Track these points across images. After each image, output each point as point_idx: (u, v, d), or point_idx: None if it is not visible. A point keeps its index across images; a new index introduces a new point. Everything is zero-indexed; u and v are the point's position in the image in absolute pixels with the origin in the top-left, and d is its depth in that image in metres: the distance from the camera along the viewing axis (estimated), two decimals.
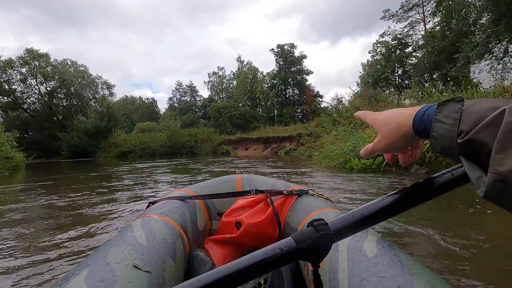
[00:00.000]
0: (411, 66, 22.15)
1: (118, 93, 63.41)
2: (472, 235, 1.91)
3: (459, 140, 0.31)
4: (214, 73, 49.67)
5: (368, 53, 30.10)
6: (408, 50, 26.86)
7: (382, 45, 28.79)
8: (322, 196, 1.30)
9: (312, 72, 40.67)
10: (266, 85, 41.69)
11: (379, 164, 4.88)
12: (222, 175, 1.70)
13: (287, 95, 40.71)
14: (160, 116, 48.75)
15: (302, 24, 78.49)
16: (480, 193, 0.30)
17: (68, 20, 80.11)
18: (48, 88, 32.76)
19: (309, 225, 0.39)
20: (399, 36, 26.62)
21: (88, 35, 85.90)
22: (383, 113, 0.46)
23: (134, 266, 0.66)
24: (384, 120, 0.44)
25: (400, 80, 27.97)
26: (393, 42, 27.42)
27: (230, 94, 45.91)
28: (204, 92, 70.66)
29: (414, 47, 25.78)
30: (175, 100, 54.83)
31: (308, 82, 40.99)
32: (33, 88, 32.31)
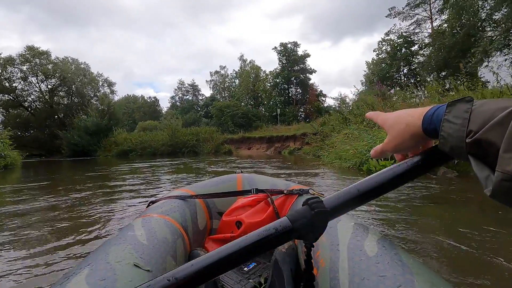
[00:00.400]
0: (419, 64, 21.61)
1: (120, 93, 63.46)
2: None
3: (467, 140, 0.31)
4: (216, 72, 49.33)
5: (373, 52, 29.62)
6: (414, 49, 26.35)
7: (387, 44, 28.30)
8: (323, 195, 1.22)
9: (315, 71, 40.22)
10: (269, 84, 41.30)
11: None
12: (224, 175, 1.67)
13: (290, 94, 40.28)
14: (162, 115, 48.47)
15: (303, 24, 78.35)
16: (488, 192, 0.30)
17: (70, 19, 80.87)
18: (49, 86, 32.49)
19: (304, 204, 0.39)
20: (405, 34, 26.13)
21: (90, 34, 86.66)
22: (394, 114, 0.46)
23: (134, 265, 0.66)
24: (394, 120, 0.44)
25: (405, 79, 27.45)
26: (398, 40, 26.93)
27: (232, 93, 45.54)
28: (206, 91, 70.49)
29: (421, 45, 25.29)
30: (177, 99, 54.56)
31: (311, 81, 40.60)
32: (34, 86, 32.08)
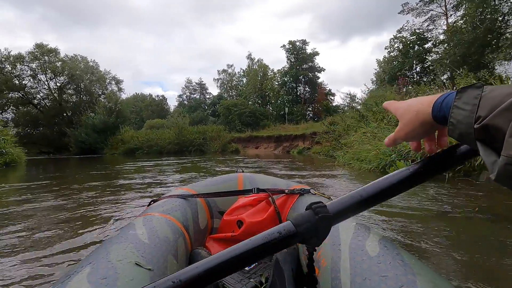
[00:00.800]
0: (435, 60, 20.78)
1: (129, 91, 63.92)
2: None
3: (476, 126, 0.31)
4: (224, 71, 49.03)
5: (385, 49, 28.80)
6: (428, 46, 25.49)
7: (400, 41, 27.49)
8: (324, 195, 1.29)
9: (324, 69, 39.55)
10: (277, 83, 40.81)
11: None
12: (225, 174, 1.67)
13: (298, 93, 39.72)
14: (169, 113, 48.46)
15: (312, 23, 77.67)
16: (493, 176, 0.30)
17: (82, 19, 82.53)
18: (57, 84, 32.64)
19: (308, 208, 0.39)
20: (418, 31, 25.30)
21: (101, 34, 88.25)
22: (405, 102, 0.46)
23: (136, 263, 0.66)
24: (405, 108, 0.45)
25: (418, 77, 26.63)
26: (411, 37, 26.10)
27: (239, 91, 45.17)
28: (214, 90, 70.46)
29: (434, 42, 24.44)
30: (184, 97, 54.52)
31: (319, 80, 39.95)
32: (43, 84, 32.22)
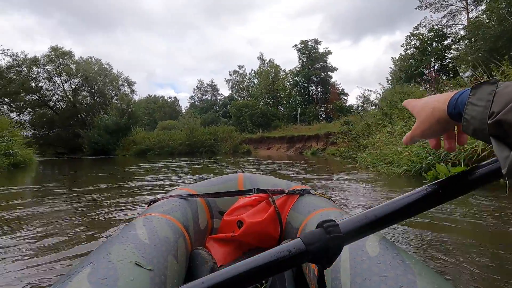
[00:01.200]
0: (456, 57, 19.78)
1: (142, 93, 65.18)
2: None
3: (489, 121, 0.31)
4: (235, 72, 48.90)
5: (401, 47, 27.81)
6: (447, 42, 24.41)
7: (417, 38, 26.48)
8: (324, 195, 1.29)
9: (336, 68, 38.76)
10: (288, 83, 40.29)
11: None
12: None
13: (310, 93, 39.09)
14: (180, 114, 48.71)
15: (323, 23, 76.76)
16: (504, 171, 0.31)
17: (97, 23, 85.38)
18: (72, 86, 33.20)
19: (319, 226, 0.38)
20: (437, 27, 24.27)
21: (116, 37, 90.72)
22: (422, 99, 0.46)
23: (136, 264, 0.65)
24: (422, 106, 0.45)
25: (436, 75, 25.57)
26: (429, 34, 25.07)
27: (251, 92, 44.90)
28: (225, 91, 70.44)
29: (454, 39, 23.37)
30: (196, 98, 54.69)
31: (332, 80, 39.18)
32: (58, 86, 32.79)
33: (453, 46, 23.56)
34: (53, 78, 31.91)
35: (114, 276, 0.58)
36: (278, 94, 40.32)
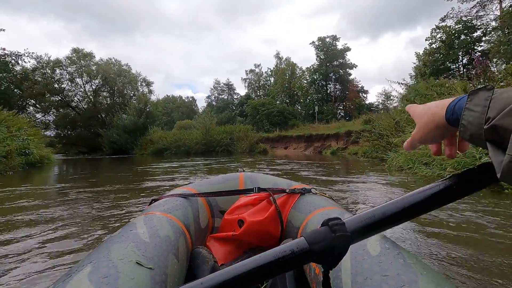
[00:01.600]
0: (490, 50, 18.39)
1: (161, 94, 67.02)
2: None
3: (485, 126, 0.32)
4: (251, 71, 48.61)
5: (425, 41, 26.42)
6: (477, 35, 22.90)
7: (442, 31, 25.03)
8: (325, 194, 1.29)
9: (356, 65, 37.56)
10: (305, 81, 39.49)
11: None
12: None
13: (328, 91, 38.15)
14: (196, 113, 49.03)
15: (340, 21, 75.36)
16: (498, 174, 0.31)
17: (119, 27, 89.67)
18: (93, 87, 34.03)
19: (324, 225, 0.36)
20: (465, 18, 22.80)
21: (136, 40, 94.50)
22: (423, 105, 0.47)
23: (137, 262, 0.65)
24: (422, 111, 0.45)
25: (465, 70, 24.06)
26: (457, 26, 23.62)
27: (267, 91, 44.45)
28: (241, 90, 70.54)
29: (485, 31, 21.87)
30: (213, 98, 54.93)
31: (351, 77, 37.99)
32: (80, 87, 33.68)
33: (483, 39, 22.07)
34: (75, 79, 32.84)
35: (115, 275, 0.58)
36: (295, 92, 39.61)
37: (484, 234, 1.92)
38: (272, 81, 45.08)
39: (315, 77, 37.67)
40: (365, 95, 37.73)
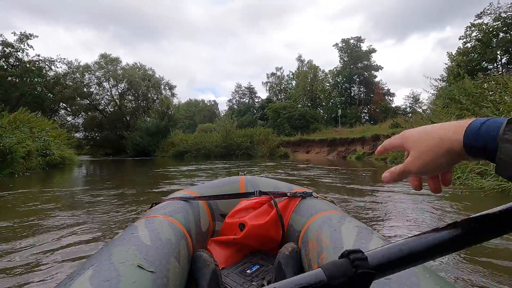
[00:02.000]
0: None
1: (184, 98, 69.21)
2: None
3: None
4: (273, 74, 48.30)
5: (459, 39, 24.79)
6: None
7: (478, 29, 23.36)
8: (326, 198, 1.28)
9: (382, 67, 36.10)
10: (328, 84, 38.50)
11: None
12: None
13: (352, 94, 36.94)
14: (218, 117, 49.49)
15: (364, 23, 73.12)
16: None
17: (147, 34, 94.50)
18: (119, 90, 35.25)
19: (344, 256, 0.32)
20: (505, 14, 21.12)
21: (163, 47, 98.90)
22: (416, 129, 0.41)
23: (138, 266, 0.65)
24: (420, 135, 0.38)
25: (504, 70, 22.22)
26: (495, 23, 21.94)
27: (288, 94, 43.89)
28: (263, 94, 70.43)
29: None
30: (234, 101, 55.15)
31: (377, 79, 36.55)
32: (106, 91, 35.03)
33: None
34: (102, 83, 34.25)
35: (116, 279, 0.58)
36: (317, 95, 38.73)
37: None
38: (293, 84, 44.48)
39: (338, 79, 36.66)
40: (391, 98, 36.15)
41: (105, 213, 2.82)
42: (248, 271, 1.12)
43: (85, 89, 32.86)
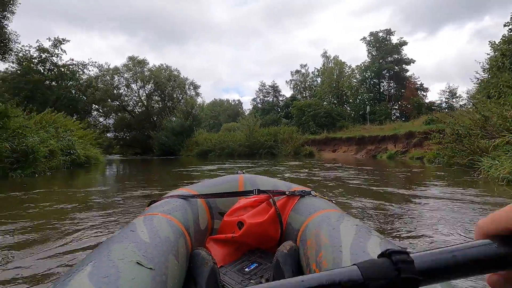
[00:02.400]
0: None
1: (209, 98, 70.81)
2: None
3: None
4: (297, 72, 47.37)
5: (504, 26, 22.50)
6: None
7: None
8: (325, 197, 1.29)
9: (414, 60, 33.99)
10: (355, 80, 36.97)
11: None
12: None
13: (381, 90, 35.19)
14: (242, 116, 49.56)
15: (392, 17, 69.77)
16: None
17: (174, 38, 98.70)
18: (146, 91, 36.34)
19: (384, 256, 0.27)
20: None
21: (189, 49, 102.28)
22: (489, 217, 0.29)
23: (137, 263, 0.66)
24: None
25: None
26: None
27: (314, 92, 42.80)
28: (287, 93, 69.64)
29: None
30: (258, 100, 54.94)
31: (408, 73, 34.45)
32: (134, 92, 36.27)
33: None
34: (130, 84, 35.49)
35: (115, 275, 0.58)
36: (344, 92, 37.34)
37: None
38: (318, 81, 43.32)
39: (366, 75, 35.07)
40: (424, 93, 33.92)
41: (122, 213, 2.57)
42: (246, 269, 1.13)
43: (115, 91, 34.23)
